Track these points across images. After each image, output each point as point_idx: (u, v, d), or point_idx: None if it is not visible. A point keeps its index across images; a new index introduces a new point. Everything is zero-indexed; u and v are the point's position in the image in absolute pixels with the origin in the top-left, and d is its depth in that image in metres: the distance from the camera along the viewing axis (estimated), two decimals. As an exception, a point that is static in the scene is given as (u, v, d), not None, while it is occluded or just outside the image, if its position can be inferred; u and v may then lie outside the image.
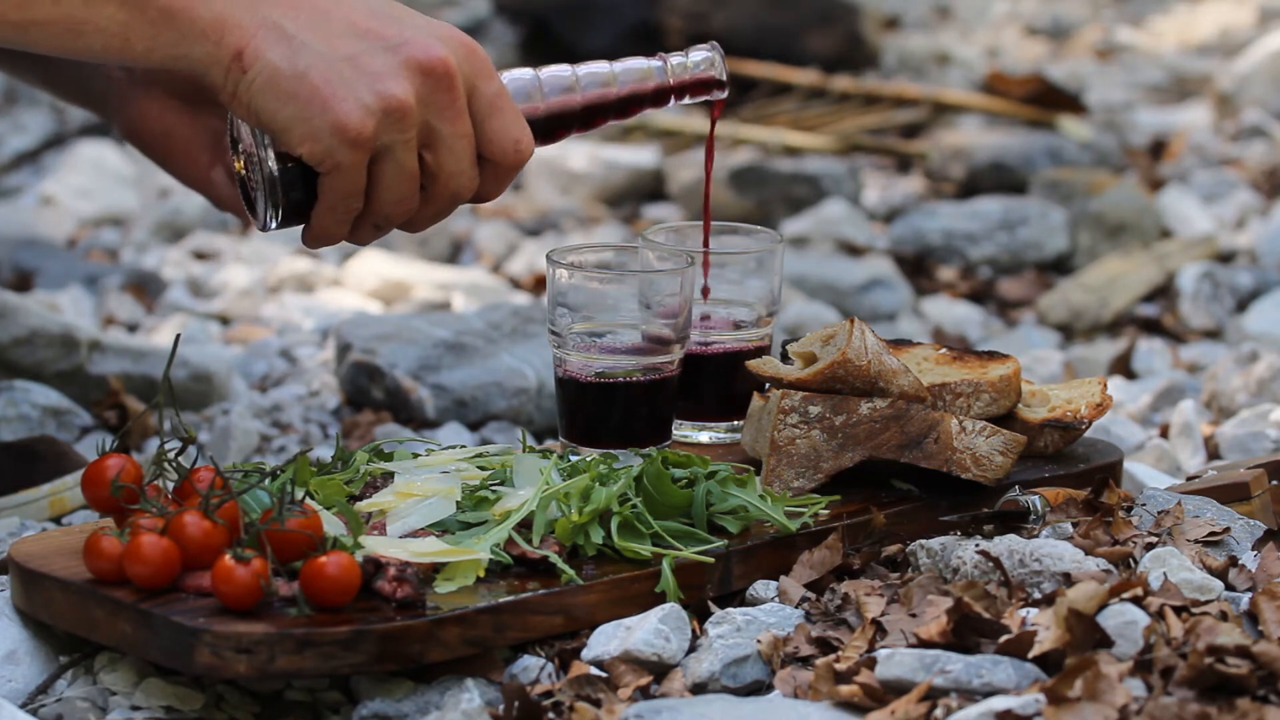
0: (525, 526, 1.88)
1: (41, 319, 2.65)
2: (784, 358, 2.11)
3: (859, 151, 4.54)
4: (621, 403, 2.07)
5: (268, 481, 1.90)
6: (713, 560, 1.89)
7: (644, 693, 1.78)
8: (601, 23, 5.39)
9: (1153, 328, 3.38)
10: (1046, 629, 1.73)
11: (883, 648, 1.77)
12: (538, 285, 3.58)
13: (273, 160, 1.89)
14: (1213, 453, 2.54)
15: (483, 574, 1.82)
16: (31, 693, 1.82)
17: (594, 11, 5.37)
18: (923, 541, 1.93)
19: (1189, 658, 1.66)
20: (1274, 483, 2.14)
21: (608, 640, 1.82)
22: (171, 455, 1.88)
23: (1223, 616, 1.77)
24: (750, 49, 5.26)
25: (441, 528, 1.90)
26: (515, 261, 3.76)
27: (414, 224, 1.95)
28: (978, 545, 1.89)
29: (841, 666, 1.73)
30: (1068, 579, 1.85)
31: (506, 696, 1.73)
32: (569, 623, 1.84)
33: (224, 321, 3.36)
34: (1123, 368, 3.06)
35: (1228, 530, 1.98)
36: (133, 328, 3.28)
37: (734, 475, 1.96)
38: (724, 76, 2.06)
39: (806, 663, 1.80)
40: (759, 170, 4.11)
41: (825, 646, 1.81)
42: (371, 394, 2.76)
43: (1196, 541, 1.96)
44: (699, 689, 1.79)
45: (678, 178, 4.24)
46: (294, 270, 3.55)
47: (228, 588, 1.74)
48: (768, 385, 2.10)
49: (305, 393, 2.85)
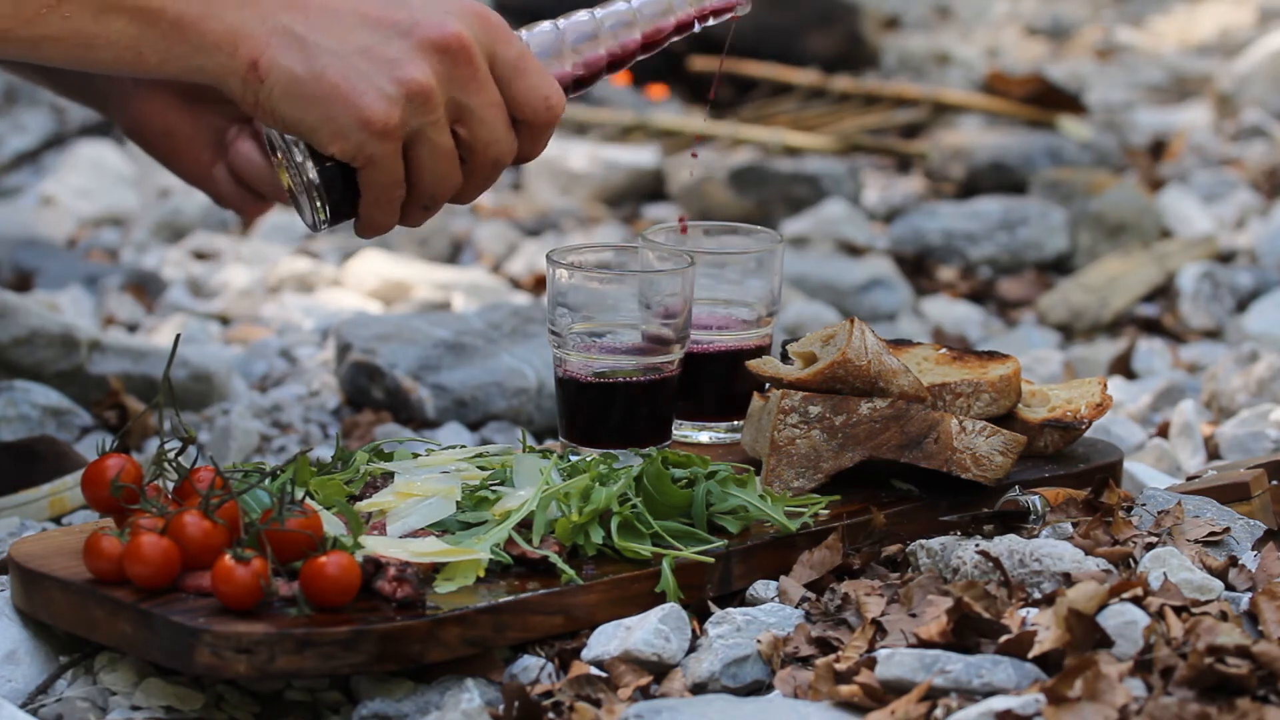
0: (525, 526, 1.88)
1: (41, 319, 2.65)
2: (784, 358, 2.11)
3: (859, 151, 4.54)
4: (621, 403, 2.07)
5: (268, 481, 1.90)
6: (713, 560, 1.89)
7: (644, 693, 1.78)
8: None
9: (1153, 328, 3.38)
10: (1046, 629, 1.73)
11: (883, 648, 1.76)
12: (538, 285, 3.58)
13: (309, 163, 1.90)
14: (1213, 453, 2.54)
15: (483, 574, 1.82)
16: (31, 693, 1.82)
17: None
18: (923, 541, 1.93)
19: (1189, 658, 1.66)
20: (1274, 483, 2.14)
21: (608, 640, 1.82)
22: (171, 455, 1.88)
23: (1223, 616, 1.77)
24: (750, 49, 5.25)
25: (441, 528, 1.90)
26: (515, 261, 3.76)
27: (462, 197, 1.95)
28: (978, 545, 1.89)
29: (841, 666, 1.73)
30: (1068, 579, 1.85)
31: (506, 696, 1.73)
32: (569, 623, 1.84)
33: (224, 321, 3.36)
34: (1123, 368, 3.06)
35: (1228, 530, 1.98)
36: (133, 328, 3.28)
37: (734, 475, 1.96)
38: None
39: (806, 663, 1.79)
40: (759, 170, 4.11)
41: (825, 646, 1.81)
42: (371, 394, 2.76)
43: (1196, 541, 1.96)
44: (699, 689, 1.79)
45: (678, 178, 4.24)
46: (294, 270, 3.55)
47: (228, 588, 1.74)
48: (768, 385, 2.10)
49: (305, 393, 2.85)
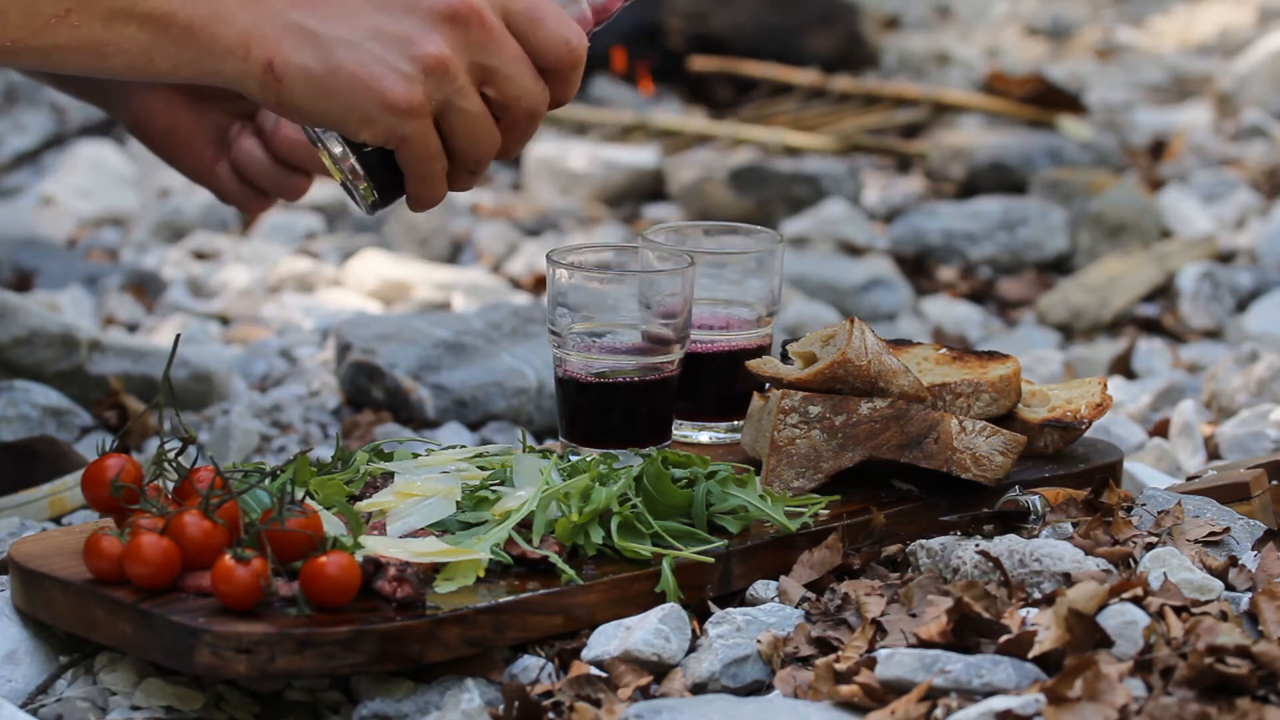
0: (525, 526, 1.88)
1: (41, 319, 2.65)
2: (784, 358, 2.11)
3: (859, 151, 4.54)
4: (621, 403, 2.07)
5: (268, 481, 1.90)
6: (713, 560, 1.89)
7: (644, 693, 1.78)
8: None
9: (1153, 328, 3.38)
10: (1046, 629, 1.73)
11: (883, 648, 1.76)
12: (538, 285, 3.58)
13: (347, 152, 1.91)
14: (1213, 453, 2.54)
15: (483, 574, 1.82)
16: (31, 693, 1.82)
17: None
18: (923, 541, 1.93)
19: (1189, 658, 1.66)
20: (1274, 483, 2.14)
21: (608, 640, 1.82)
22: (171, 455, 1.88)
23: (1223, 616, 1.77)
24: (750, 49, 5.26)
25: (441, 528, 1.90)
26: (515, 261, 3.76)
27: (505, 154, 1.95)
28: (978, 545, 1.89)
29: (841, 666, 1.73)
30: (1068, 579, 1.85)
31: (506, 696, 1.73)
32: (569, 623, 1.84)
33: (224, 321, 3.36)
34: (1123, 368, 3.06)
35: (1228, 530, 1.98)
36: (133, 328, 3.28)
37: (734, 475, 1.96)
38: None
39: (806, 663, 1.79)
40: (759, 170, 4.11)
41: (825, 646, 1.81)
42: (371, 394, 2.76)
43: (1196, 541, 1.96)
44: (699, 689, 1.79)
45: (678, 178, 4.24)
46: (294, 270, 3.55)
47: (228, 588, 1.74)
48: (768, 385, 2.10)
49: (305, 393, 2.85)
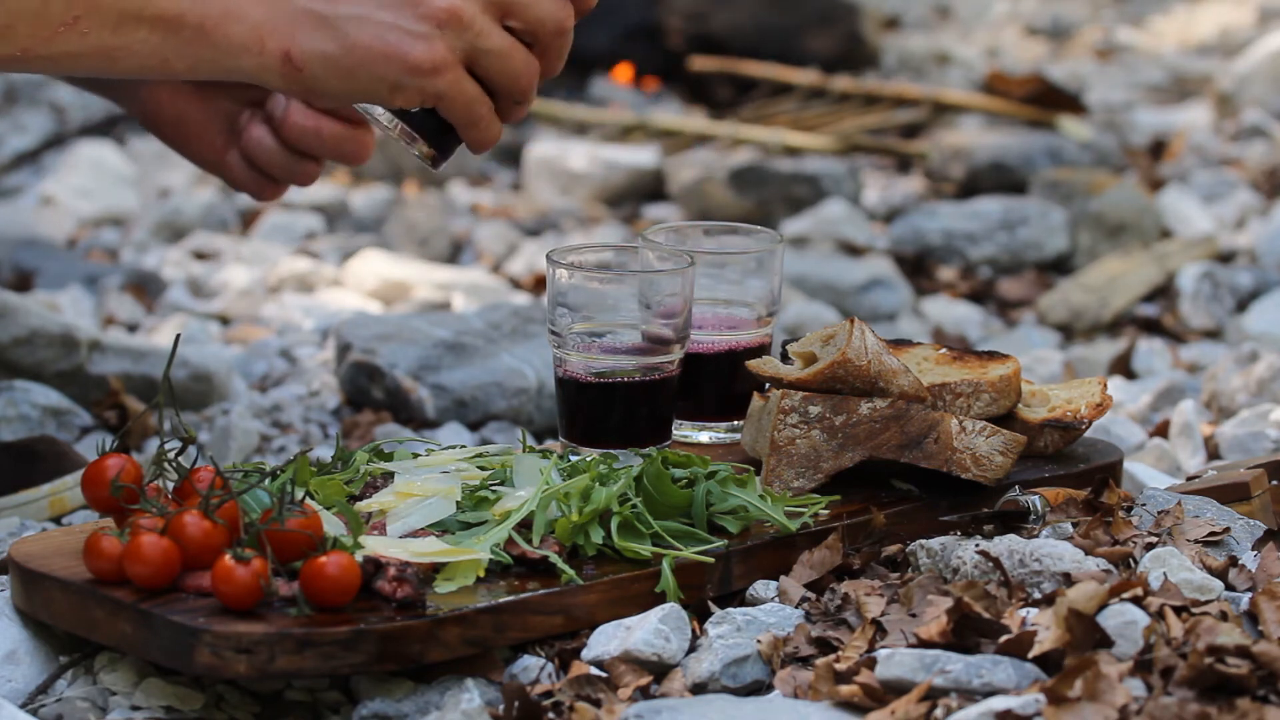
0: (525, 526, 1.88)
1: (41, 319, 2.65)
2: (784, 358, 2.11)
3: (859, 151, 4.54)
4: (621, 403, 2.07)
5: (268, 481, 1.90)
6: (713, 560, 1.89)
7: (644, 693, 1.78)
8: (601, 23, 5.38)
9: (1153, 328, 3.38)
10: (1046, 629, 1.73)
11: (883, 648, 1.76)
12: (538, 285, 3.58)
13: (394, 120, 1.93)
14: (1213, 453, 2.54)
15: (483, 574, 1.82)
16: (31, 693, 1.82)
17: (594, 11, 5.37)
18: (923, 541, 1.93)
19: (1189, 658, 1.66)
20: (1274, 483, 2.14)
21: (608, 640, 1.81)
22: (171, 455, 1.88)
23: (1223, 616, 1.77)
24: (750, 49, 5.26)
25: (441, 528, 1.90)
26: (515, 261, 3.76)
27: (547, 74, 1.97)
28: (978, 545, 1.89)
29: (841, 666, 1.73)
30: (1068, 579, 1.85)
31: (506, 696, 1.73)
32: (569, 623, 1.84)
33: (224, 321, 3.36)
34: (1123, 368, 3.06)
35: (1228, 530, 1.98)
36: (133, 328, 3.28)
37: (734, 475, 1.96)
38: None
39: (806, 663, 1.79)
40: (759, 170, 4.11)
41: (825, 646, 1.81)
42: (371, 394, 2.76)
43: (1196, 541, 1.96)
44: (699, 689, 1.79)
45: (678, 178, 4.24)
46: (294, 270, 3.55)
47: (228, 588, 1.74)
48: (768, 385, 2.10)
49: (305, 393, 2.85)
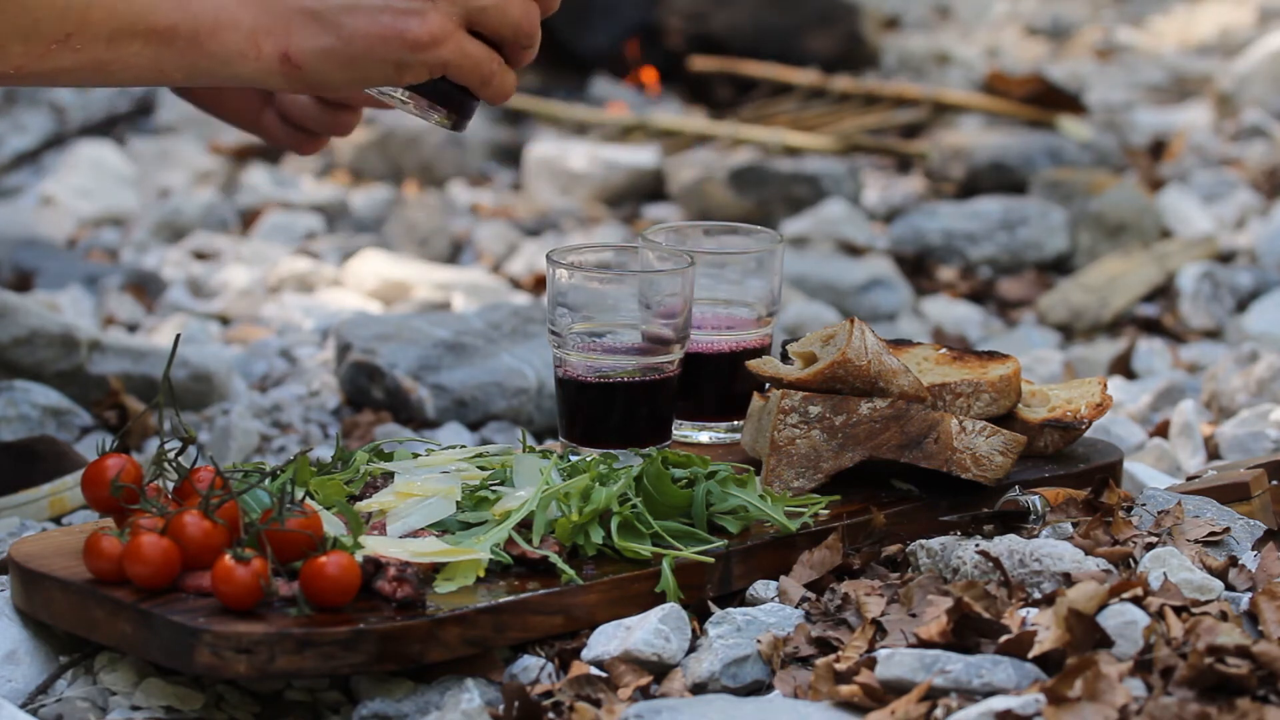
0: (525, 526, 1.88)
1: (41, 319, 2.65)
2: (784, 358, 2.11)
3: (859, 151, 4.54)
4: (621, 403, 2.07)
5: (268, 481, 1.90)
6: (713, 560, 1.89)
7: (644, 693, 1.78)
8: (601, 23, 5.39)
9: (1153, 328, 3.38)
10: (1046, 629, 1.73)
11: (883, 648, 1.77)
12: (538, 285, 3.58)
13: (407, 95, 1.93)
14: (1213, 453, 2.54)
15: (483, 574, 1.82)
16: (31, 693, 1.82)
17: (594, 11, 5.37)
18: (923, 541, 1.93)
19: (1189, 658, 1.66)
20: (1274, 483, 2.14)
21: (608, 640, 1.82)
22: (171, 455, 1.88)
23: (1223, 616, 1.77)
24: (750, 49, 5.25)
25: (441, 528, 1.90)
26: (515, 261, 3.76)
27: (547, 10, 1.96)
28: (978, 545, 1.89)
29: (841, 666, 1.73)
30: (1068, 579, 1.85)
31: (506, 696, 1.73)
32: (569, 623, 1.84)
33: (224, 321, 3.36)
34: (1123, 368, 3.06)
35: (1228, 530, 1.98)
36: (133, 328, 3.28)
37: (734, 475, 1.96)
38: None
39: (806, 663, 1.80)
40: (759, 170, 4.11)
41: (825, 646, 1.81)
42: (371, 394, 2.76)
43: (1196, 541, 1.96)
44: (699, 689, 1.79)
45: (678, 178, 4.24)
46: (294, 270, 3.55)
47: (228, 588, 1.74)
48: (768, 385, 2.10)
49: (305, 393, 2.85)
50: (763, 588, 1.92)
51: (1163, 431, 2.61)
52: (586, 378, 2.07)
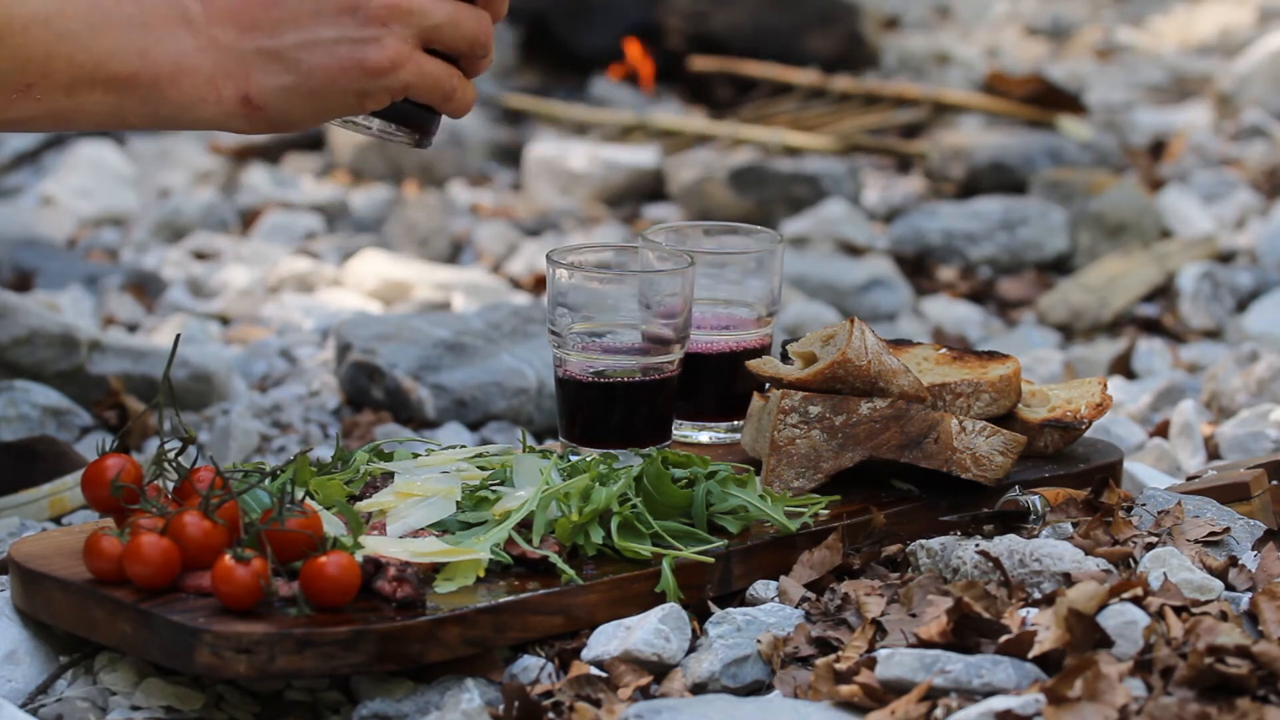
0: (525, 526, 1.88)
1: (41, 319, 2.65)
2: (784, 358, 2.11)
3: (859, 151, 4.54)
4: (621, 403, 2.07)
5: (268, 481, 1.90)
6: (713, 560, 1.89)
7: (644, 693, 1.78)
8: (601, 23, 5.39)
9: (1153, 328, 3.38)
10: (1046, 629, 1.73)
11: (883, 648, 1.76)
12: (538, 285, 3.58)
13: (369, 120, 1.92)
14: (1213, 453, 2.54)
15: (483, 574, 1.82)
16: (31, 693, 1.82)
17: (594, 11, 5.37)
18: (923, 541, 1.93)
19: (1189, 658, 1.66)
20: (1274, 483, 2.14)
21: (608, 640, 1.82)
22: (171, 455, 1.88)
23: (1223, 616, 1.77)
24: (750, 49, 5.25)
25: (441, 528, 1.90)
26: (515, 261, 3.76)
27: (498, 15, 1.95)
28: (978, 545, 1.89)
29: (841, 666, 1.73)
30: (1068, 579, 1.85)
31: (506, 696, 1.73)
32: (569, 623, 1.84)
33: (224, 321, 3.36)
34: (1123, 368, 3.06)
35: (1228, 530, 1.98)
36: (133, 328, 3.28)
37: (734, 475, 1.96)
38: None
39: (806, 663, 1.79)
40: (759, 170, 4.11)
41: (825, 646, 1.81)
42: (371, 394, 2.76)
43: (1196, 541, 1.96)
44: (699, 689, 1.79)
45: (678, 178, 4.24)
46: (294, 270, 3.55)
47: (228, 588, 1.74)
48: (768, 385, 2.10)
49: (305, 393, 2.85)
50: (763, 588, 1.92)
51: (1163, 431, 2.61)
52: (586, 378, 2.07)
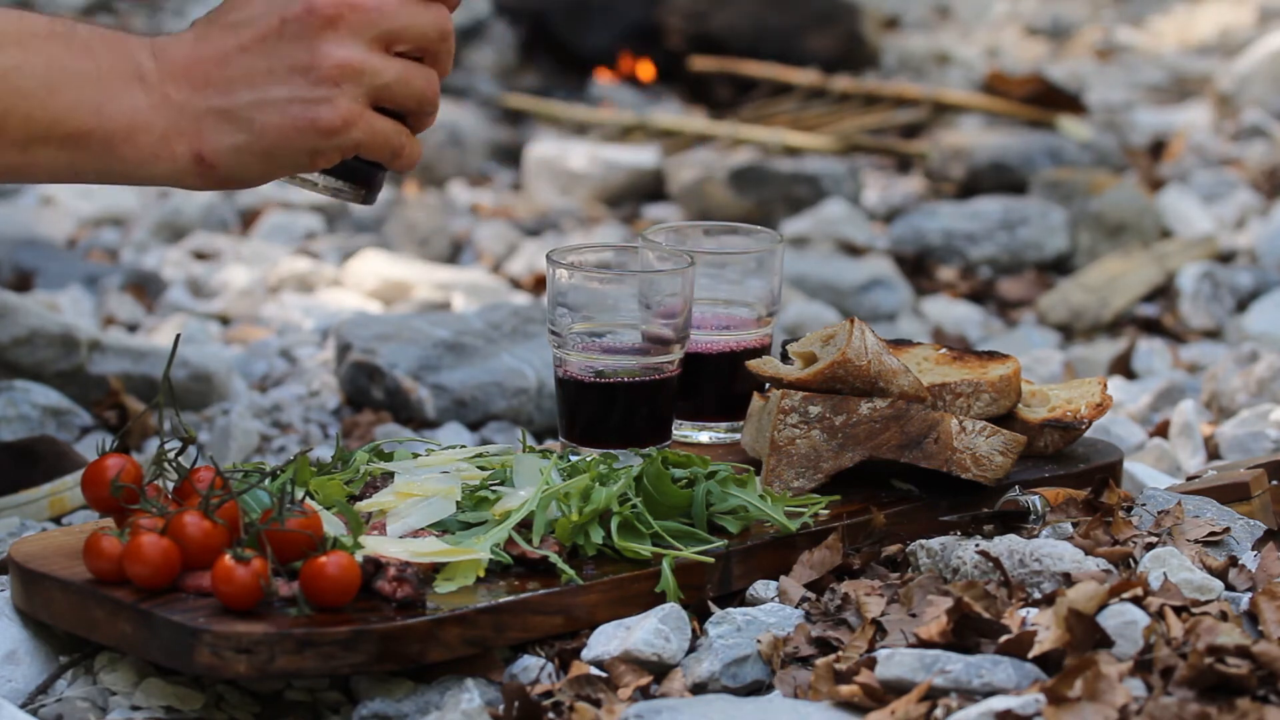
0: (525, 526, 1.88)
1: (41, 319, 2.65)
2: (784, 358, 2.11)
3: (859, 151, 4.54)
4: (621, 403, 2.07)
5: (268, 481, 1.90)
6: (713, 560, 1.89)
7: (644, 693, 1.78)
8: (601, 23, 5.39)
9: (1153, 328, 3.38)
10: (1046, 629, 1.73)
11: (883, 648, 1.76)
12: (538, 285, 3.58)
13: (318, 178, 1.92)
14: (1213, 453, 2.54)
15: (483, 574, 1.82)
16: (31, 693, 1.82)
17: (594, 11, 5.38)
18: (923, 541, 1.93)
19: (1189, 658, 1.66)
20: (1274, 483, 2.14)
21: (608, 640, 1.81)
22: (171, 455, 1.88)
23: (1223, 616, 1.77)
24: (750, 49, 5.26)
25: (441, 528, 1.90)
26: (515, 261, 3.76)
27: (444, 74, 1.94)
28: (978, 545, 1.89)
29: (841, 666, 1.73)
30: (1068, 579, 1.85)
31: (506, 696, 1.73)
32: (569, 623, 1.84)
33: (224, 321, 3.36)
34: (1123, 368, 3.06)
35: (1228, 530, 1.98)
36: (133, 328, 3.28)
37: (734, 475, 1.96)
38: None
39: (806, 663, 1.79)
40: (759, 170, 4.11)
41: (825, 646, 1.81)
42: (371, 394, 2.76)
43: (1196, 541, 1.96)
44: (699, 689, 1.79)
45: (678, 178, 4.24)
46: (294, 270, 3.55)
47: (228, 588, 1.74)
48: (768, 385, 2.10)
49: (305, 393, 2.85)
50: (763, 588, 1.92)
51: (1163, 431, 2.61)
52: (586, 378, 2.07)
